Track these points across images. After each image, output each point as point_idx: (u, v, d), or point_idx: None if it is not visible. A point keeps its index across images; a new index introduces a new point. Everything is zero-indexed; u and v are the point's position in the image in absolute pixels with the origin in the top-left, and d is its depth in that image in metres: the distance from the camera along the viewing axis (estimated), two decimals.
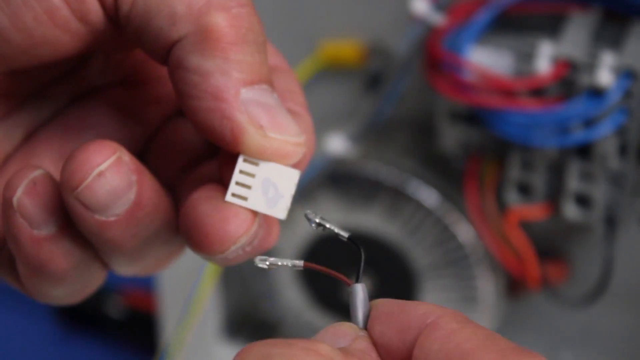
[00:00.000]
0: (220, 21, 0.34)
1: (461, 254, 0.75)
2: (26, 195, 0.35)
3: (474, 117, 0.68)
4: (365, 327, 0.34)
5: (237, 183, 0.35)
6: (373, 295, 0.35)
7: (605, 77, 0.61)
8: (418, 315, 0.32)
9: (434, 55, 0.66)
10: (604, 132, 0.63)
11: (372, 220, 0.76)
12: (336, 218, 0.78)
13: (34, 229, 0.35)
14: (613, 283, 0.72)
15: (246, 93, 0.34)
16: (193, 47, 0.34)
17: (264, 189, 0.35)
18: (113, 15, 0.35)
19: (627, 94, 0.62)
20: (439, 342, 0.31)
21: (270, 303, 0.86)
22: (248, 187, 0.35)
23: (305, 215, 0.35)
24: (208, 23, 0.34)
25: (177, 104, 0.40)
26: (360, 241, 0.36)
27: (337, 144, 0.75)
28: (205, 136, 0.35)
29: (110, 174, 0.34)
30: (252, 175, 0.35)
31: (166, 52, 0.35)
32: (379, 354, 0.33)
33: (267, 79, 0.35)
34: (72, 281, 0.37)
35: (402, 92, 0.74)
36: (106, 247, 0.36)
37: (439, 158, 0.74)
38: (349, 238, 0.35)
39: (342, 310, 0.82)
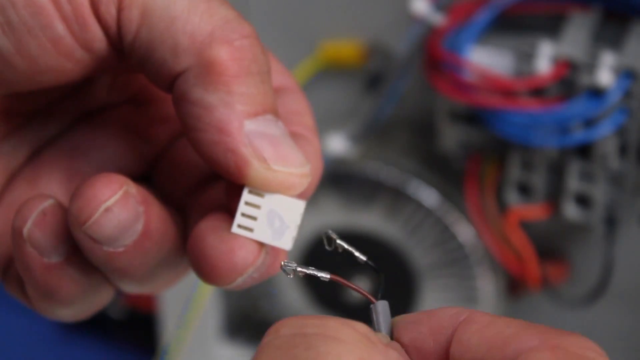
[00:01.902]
0: (223, 54, 0.34)
1: (461, 254, 0.75)
2: (36, 226, 0.35)
3: (474, 117, 0.68)
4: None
5: (243, 214, 0.35)
6: (373, 295, 0.35)
7: (605, 77, 0.61)
8: (449, 315, 0.32)
9: (434, 55, 0.66)
10: (604, 132, 0.63)
11: (372, 220, 0.76)
12: (336, 218, 0.78)
13: (44, 257, 0.36)
14: (613, 283, 0.72)
15: (250, 125, 0.34)
16: (196, 80, 0.34)
17: (270, 220, 0.35)
18: (117, 44, 0.35)
19: (627, 94, 0.62)
20: (478, 334, 0.31)
21: (270, 303, 0.86)
22: (254, 218, 0.35)
23: (326, 235, 0.35)
24: (210, 56, 0.34)
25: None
26: (355, 240, 0.36)
27: (337, 144, 0.75)
28: (211, 167, 0.35)
29: (117, 209, 0.35)
30: (257, 207, 0.35)
31: (170, 82, 0.35)
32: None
33: (272, 108, 0.35)
34: (80, 303, 0.38)
35: (402, 92, 0.74)
36: (115, 274, 0.36)
37: (439, 158, 0.74)
38: (366, 262, 0.35)
39: (342, 310, 0.82)
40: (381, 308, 0.35)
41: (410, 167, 0.75)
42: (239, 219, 0.35)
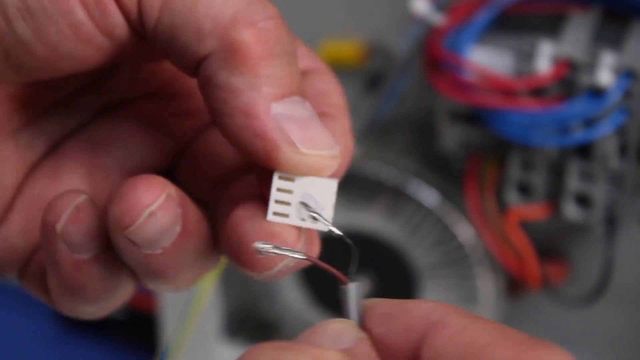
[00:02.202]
0: (247, 37, 0.33)
1: (461, 254, 0.75)
2: (70, 222, 0.35)
3: (474, 117, 0.68)
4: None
5: (277, 201, 0.34)
6: (373, 296, 0.34)
7: (605, 77, 0.61)
8: (421, 313, 0.32)
9: (434, 55, 0.66)
10: (604, 132, 0.63)
11: (372, 220, 0.76)
12: (336, 218, 0.78)
13: (75, 253, 0.35)
14: (613, 283, 0.72)
15: (277, 108, 0.34)
16: (221, 63, 0.33)
17: (304, 203, 0.35)
18: (138, 29, 0.34)
19: (627, 94, 0.62)
20: (451, 341, 0.31)
21: (270, 303, 0.86)
22: (287, 203, 0.35)
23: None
24: (235, 39, 0.33)
25: (209, 117, 0.40)
26: (355, 240, 0.35)
27: None
28: (239, 152, 0.34)
29: (160, 213, 0.34)
30: (290, 192, 0.35)
31: (195, 66, 0.34)
32: (380, 356, 0.32)
33: (299, 90, 0.34)
34: (105, 300, 0.37)
35: (402, 92, 0.74)
36: (149, 275, 0.36)
37: (439, 158, 0.74)
38: (342, 237, 0.35)
39: (341, 310, 0.82)
40: (353, 291, 0.34)
41: (410, 167, 0.75)
42: (273, 206, 0.34)
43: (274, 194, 0.34)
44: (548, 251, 0.77)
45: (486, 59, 0.64)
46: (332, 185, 0.35)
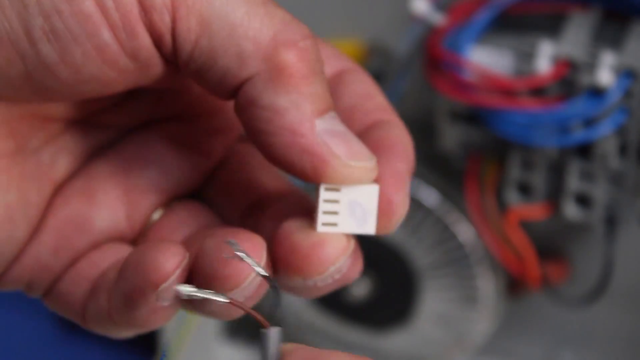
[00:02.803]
0: (291, 57, 0.34)
1: (461, 254, 0.75)
2: (174, 283, 0.35)
3: (474, 117, 0.68)
4: None
5: (325, 212, 0.36)
6: (373, 297, 0.35)
7: (605, 76, 0.61)
8: None
9: (434, 55, 0.66)
10: (604, 132, 0.63)
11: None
12: None
13: (161, 302, 0.35)
14: (613, 283, 0.72)
15: (320, 124, 0.35)
16: (265, 84, 0.34)
17: (351, 210, 0.36)
18: (170, 54, 0.34)
19: (627, 94, 0.62)
20: None
21: (270, 303, 0.86)
22: (335, 213, 0.36)
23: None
24: (279, 60, 0.34)
25: (239, 134, 0.40)
26: (355, 240, 0.36)
27: None
28: (283, 170, 0.35)
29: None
30: (336, 202, 0.36)
31: (233, 90, 0.34)
32: None
33: (333, 105, 0.35)
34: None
35: (402, 92, 0.74)
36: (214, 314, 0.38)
37: (439, 158, 0.74)
38: (267, 277, 0.35)
39: (342, 310, 0.82)
40: (273, 336, 0.34)
41: None
42: (322, 217, 0.36)
43: (322, 206, 0.36)
44: (548, 251, 0.77)
45: (486, 59, 0.64)
46: (375, 189, 0.37)
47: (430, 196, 0.74)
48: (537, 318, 0.82)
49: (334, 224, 0.36)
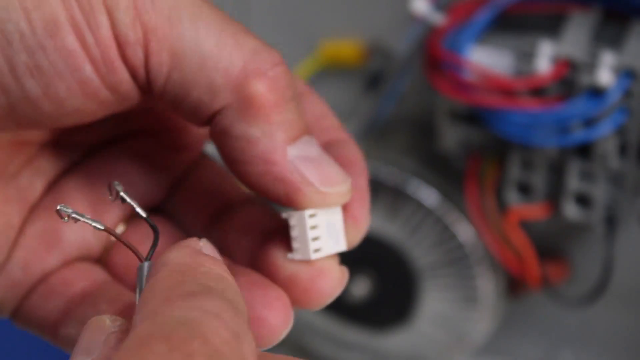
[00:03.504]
0: (260, 87, 0.34)
1: (461, 254, 0.75)
2: None
3: (474, 117, 0.68)
4: None
5: (313, 239, 0.37)
6: (373, 297, 0.35)
7: (605, 76, 0.61)
8: None
9: (434, 55, 0.66)
10: (604, 132, 0.63)
11: (372, 220, 0.76)
12: None
13: None
14: (613, 283, 0.72)
15: (292, 150, 0.35)
16: (237, 115, 0.35)
17: (329, 232, 0.37)
18: (145, 87, 0.35)
19: (627, 94, 0.62)
20: None
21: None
22: (317, 238, 0.37)
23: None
24: (249, 91, 0.34)
25: (200, 149, 0.41)
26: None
27: None
28: (260, 195, 0.36)
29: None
30: (316, 227, 0.37)
31: (207, 120, 0.35)
32: None
33: (307, 129, 0.36)
34: None
35: (402, 92, 0.74)
36: None
37: (439, 158, 0.74)
38: (145, 219, 0.36)
39: (342, 310, 0.82)
40: (147, 269, 0.35)
41: (410, 167, 0.75)
42: (312, 244, 0.37)
43: (309, 233, 0.37)
44: (548, 251, 0.77)
45: (486, 59, 0.64)
46: (338, 208, 0.37)
47: (430, 196, 0.74)
48: (537, 318, 0.82)
49: (319, 249, 0.37)
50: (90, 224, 0.35)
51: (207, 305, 0.30)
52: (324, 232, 0.37)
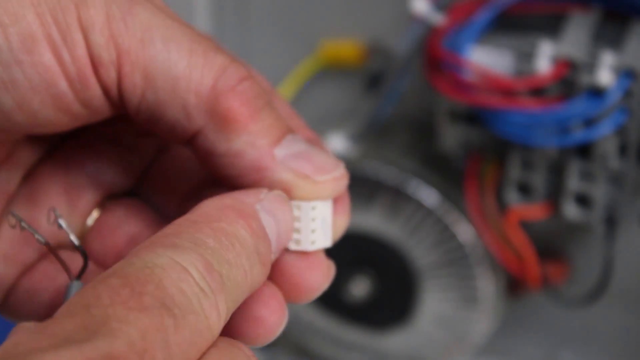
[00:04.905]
0: (232, 103, 0.35)
1: (461, 254, 0.75)
2: None
3: (474, 117, 0.68)
4: None
5: (312, 231, 0.37)
6: (373, 297, 0.35)
7: (605, 76, 0.61)
8: None
9: (434, 55, 0.66)
10: (604, 132, 0.63)
11: (372, 220, 0.76)
12: None
13: None
14: (613, 283, 0.72)
15: (280, 151, 0.36)
16: (216, 135, 0.35)
17: (322, 226, 0.38)
18: (117, 105, 0.36)
19: (627, 94, 0.62)
20: None
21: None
22: (315, 231, 0.37)
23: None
24: (222, 109, 0.35)
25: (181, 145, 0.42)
26: (355, 240, 0.37)
27: (337, 144, 0.75)
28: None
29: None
30: (315, 219, 0.37)
31: (186, 140, 0.36)
32: None
33: (288, 128, 0.37)
34: None
35: (402, 92, 0.74)
36: None
37: (439, 158, 0.74)
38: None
39: (342, 310, 0.82)
40: (74, 288, 0.35)
41: (410, 167, 0.75)
42: (311, 236, 0.37)
43: (310, 225, 0.37)
44: (548, 251, 0.77)
45: (486, 59, 0.64)
46: (329, 202, 0.38)
47: (430, 196, 0.74)
48: (537, 318, 0.82)
49: (314, 242, 0.37)
50: (34, 235, 0.36)
51: (179, 257, 0.31)
52: (319, 226, 0.37)
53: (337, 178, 0.37)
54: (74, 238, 0.37)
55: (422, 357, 0.82)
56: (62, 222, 0.36)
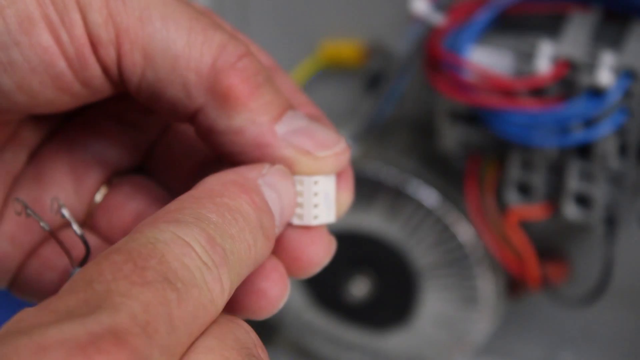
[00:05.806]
0: (232, 80, 0.35)
1: (461, 254, 0.75)
2: None
3: (474, 117, 0.68)
4: None
5: (314, 206, 0.37)
6: (373, 297, 0.35)
7: (605, 77, 0.61)
8: None
9: (434, 55, 0.66)
10: (604, 132, 0.63)
11: (372, 220, 0.76)
12: None
13: None
14: (613, 283, 0.72)
15: (280, 127, 0.36)
16: (216, 112, 0.35)
17: (325, 201, 0.38)
18: (118, 84, 0.36)
19: (627, 94, 0.62)
20: None
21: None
22: (318, 205, 0.37)
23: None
24: (222, 87, 0.35)
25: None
26: (355, 240, 0.37)
27: None
28: None
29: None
30: (318, 194, 0.37)
31: (187, 118, 0.36)
32: None
33: (288, 104, 0.37)
34: None
35: (402, 92, 0.74)
36: None
37: (439, 158, 0.74)
38: (81, 237, 0.37)
39: (342, 310, 0.82)
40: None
41: (410, 167, 0.75)
42: (313, 211, 0.37)
43: (312, 200, 0.37)
44: (548, 251, 0.77)
45: (486, 59, 0.64)
46: (332, 177, 0.38)
47: (430, 196, 0.74)
48: (537, 318, 0.82)
49: (317, 217, 0.37)
50: (39, 222, 0.36)
51: (181, 232, 0.31)
52: (322, 201, 0.37)
53: (338, 153, 0.37)
54: (76, 227, 0.37)
55: (422, 357, 0.82)
56: (65, 211, 0.36)
